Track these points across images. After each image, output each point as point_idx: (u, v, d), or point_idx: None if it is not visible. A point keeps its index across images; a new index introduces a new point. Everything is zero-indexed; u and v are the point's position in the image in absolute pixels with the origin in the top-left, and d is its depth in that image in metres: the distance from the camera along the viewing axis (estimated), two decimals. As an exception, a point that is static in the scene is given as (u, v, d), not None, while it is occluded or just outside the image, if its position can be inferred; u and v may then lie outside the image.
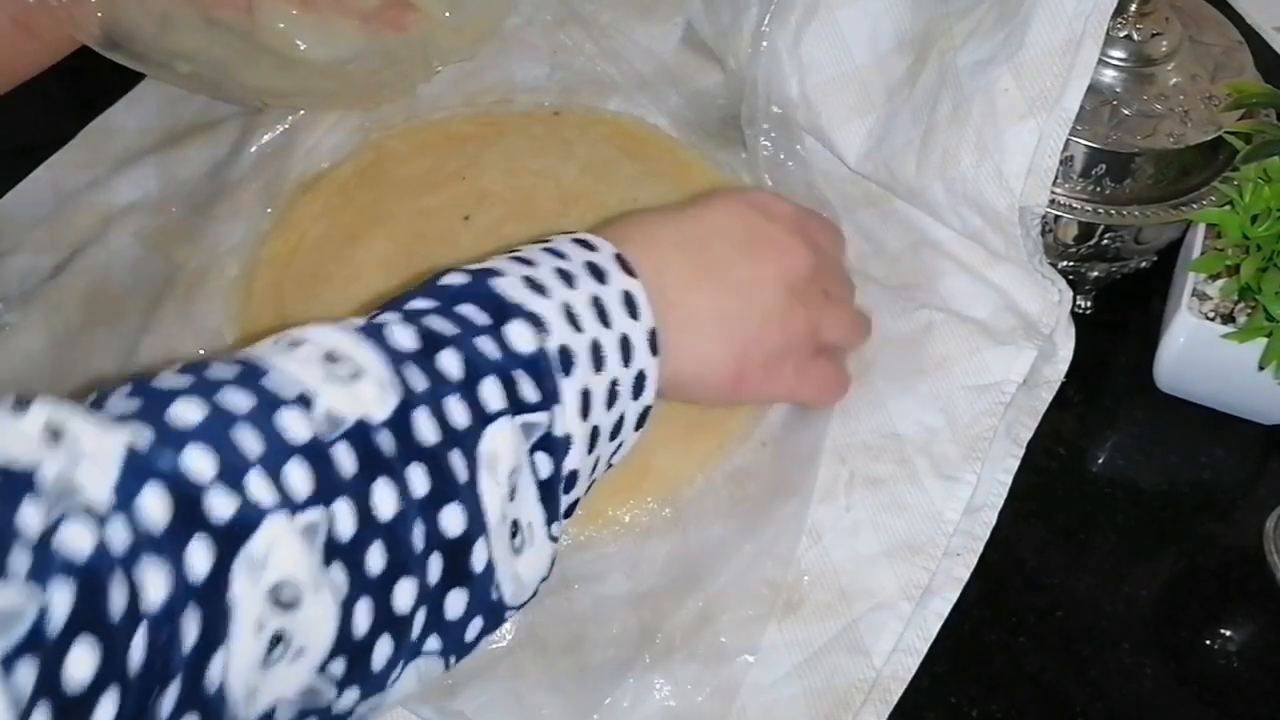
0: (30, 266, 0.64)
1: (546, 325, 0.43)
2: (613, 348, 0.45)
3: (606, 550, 0.56)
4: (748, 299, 0.51)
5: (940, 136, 0.61)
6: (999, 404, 0.60)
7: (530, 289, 0.44)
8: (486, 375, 0.41)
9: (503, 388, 0.41)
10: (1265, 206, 0.55)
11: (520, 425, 0.41)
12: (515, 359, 0.42)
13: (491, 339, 0.42)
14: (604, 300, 0.45)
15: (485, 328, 0.42)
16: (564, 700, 0.52)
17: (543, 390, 0.42)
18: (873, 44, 0.66)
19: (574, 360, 0.43)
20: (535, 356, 0.42)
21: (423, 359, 0.40)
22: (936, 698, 0.53)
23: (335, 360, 0.38)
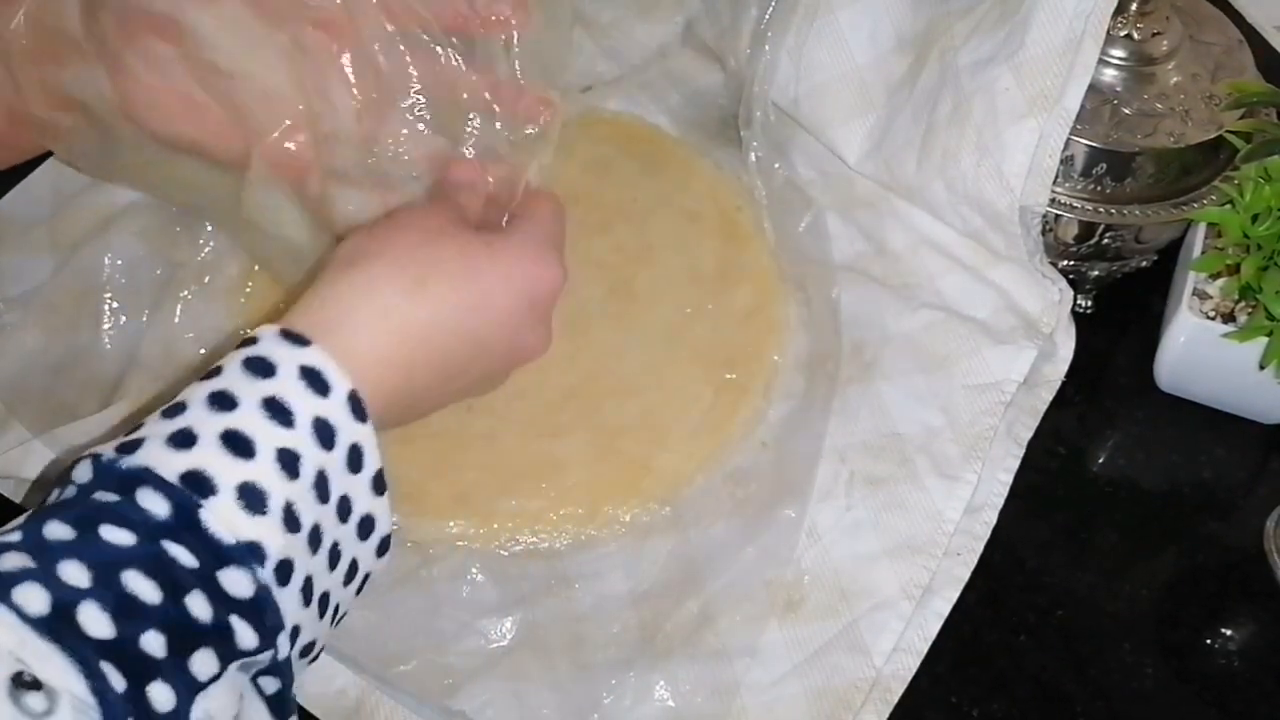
0: (30, 266, 0.64)
1: (265, 552, 0.38)
2: (329, 517, 0.41)
3: (607, 550, 0.56)
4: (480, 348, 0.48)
5: (941, 136, 0.61)
6: (999, 403, 0.60)
7: (245, 506, 0.38)
8: (197, 649, 0.36)
9: (214, 653, 0.36)
10: (1266, 205, 0.55)
11: (238, 667, 0.37)
12: (231, 607, 0.37)
13: (203, 595, 0.36)
14: (327, 472, 0.40)
15: (195, 581, 0.36)
16: (564, 700, 0.52)
17: (263, 629, 0.38)
18: (873, 44, 0.66)
19: (293, 566, 0.39)
20: (254, 597, 0.38)
21: (121, 646, 0.34)
22: (937, 697, 0.53)
23: (23, 687, 0.32)
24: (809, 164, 0.70)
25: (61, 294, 0.64)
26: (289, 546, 0.39)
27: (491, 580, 0.56)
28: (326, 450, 0.41)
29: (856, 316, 0.63)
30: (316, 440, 0.40)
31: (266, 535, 0.38)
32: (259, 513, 0.38)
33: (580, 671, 0.53)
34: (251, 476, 0.39)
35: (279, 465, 0.39)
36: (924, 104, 0.63)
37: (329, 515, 0.40)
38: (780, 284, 0.65)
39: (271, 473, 0.39)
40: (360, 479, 0.42)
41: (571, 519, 0.57)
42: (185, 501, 0.37)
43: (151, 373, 0.60)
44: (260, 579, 0.38)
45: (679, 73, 0.75)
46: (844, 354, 0.62)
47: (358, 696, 0.52)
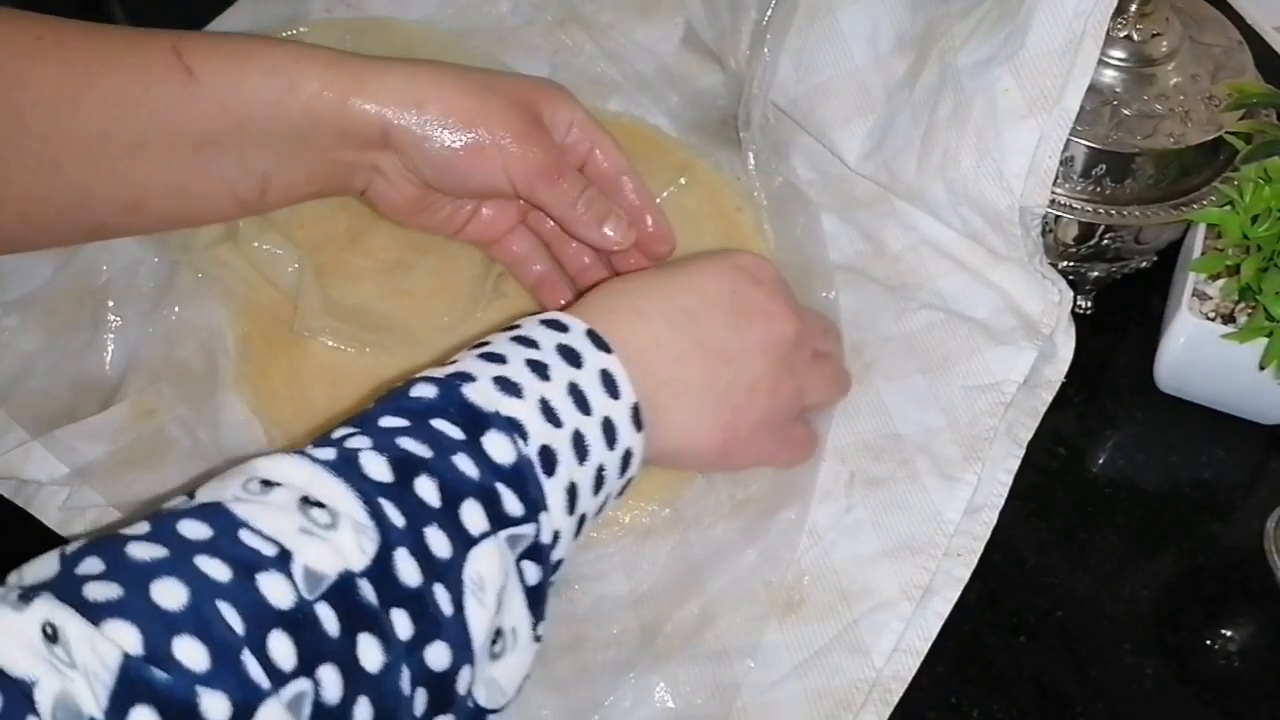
0: (29, 267, 0.64)
1: (525, 429, 0.42)
2: (595, 434, 0.44)
3: (607, 550, 0.56)
4: (736, 369, 0.50)
5: (940, 137, 0.61)
6: (999, 404, 0.60)
7: (503, 391, 0.42)
8: (466, 498, 0.39)
9: (484, 508, 0.40)
10: (1265, 206, 0.56)
11: (506, 539, 0.40)
12: (496, 472, 0.40)
13: (468, 456, 0.40)
14: (581, 386, 0.44)
15: (461, 443, 0.40)
16: (564, 700, 0.52)
17: (526, 501, 0.41)
18: (873, 44, 0.66)
19: (556, 459, 0.42)
20: (517, 465, 0.41)
21: (399, 491, 0.38)
22: (937, 698, 0.53)
23: (309, 505, 0.37)
24: (808, 165, 0.70)
25: (61, 295, 0.63)
26: (549, 435, 0.42)
27: (491, 581, 0.56)
28: (575, 368, 0.45)
29: (856, 317, 0.63)
30: (563, 360, 0.45)
31: (525, 415, 0.42)
32: (516, 396, 0.42)
33: (580, 672, 0.53)
34: (504, 373, 0.43)
35: (530, 370, 0.44)
36: (924, 105, 0.63)
37: (594, 428, 0.44)
38: (780, 285, 0.65)
39: (525, 373, 0.44)
40: (616, 405, 0.45)
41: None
42: (449, 384, 0.42)
43: (151, 373, 0.60)
44: (520, 449, 0.41)
45: (679, 74, 0.75)
46: (844, 354, 0.62)
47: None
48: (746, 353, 0.51)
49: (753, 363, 0.51)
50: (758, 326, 0.51)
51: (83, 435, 0.57)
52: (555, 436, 0.42)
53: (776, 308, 0.52)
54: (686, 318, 0.50)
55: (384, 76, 0.52)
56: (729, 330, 0.50)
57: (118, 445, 0.57)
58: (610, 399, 0.45)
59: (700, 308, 0.50)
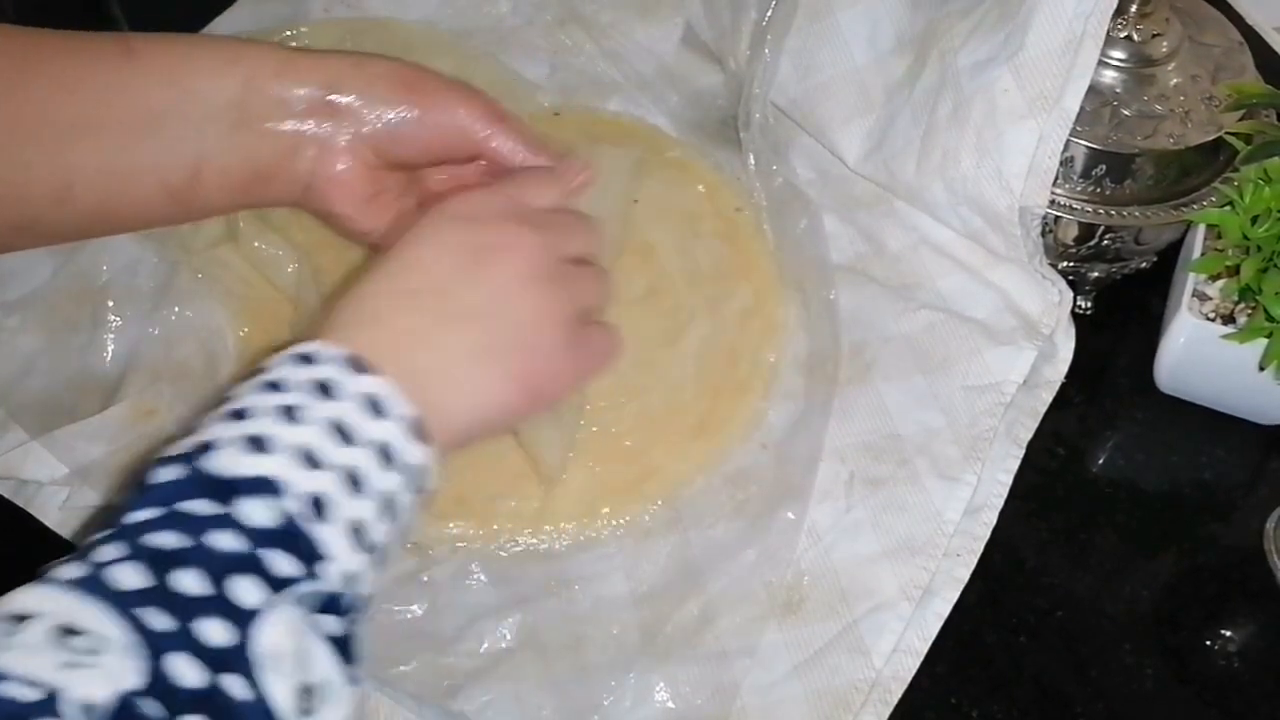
0: (29, 267, 0.64)
1: (281, 485, 0.39)
2: (369, 463, 0.41)
3: (606, 551, 0.56)
4: (495, 319, 0.47)
5: (940, 137, 0.61)
6: (999, 404, 0.60)
7: (252, 450, 0.40)
8: (233, 575, 0.37)
9: (257, 578, 0.37)
10: (1265, 207, 0.56)
11: (291, 601, 0.38)
12: (260, 538, 0.38)
13: (226, 530, 0.38)
14: (342, 419, 0.41)
15: (215, 520, 0.38)
16: (564, 701, 0.52)
17: (301, 557, 0.38)
18: (873, 44, 0.66)
19: (328, 502, 0.40)
20: (282, 525, 0.38)
21: (159, 593, 0.36)
22: (937, 698, 0.53)
23: (69, 635, 0.34)
24: (808, 165, 0.70)
25: (61, 295, 0.64)
26: (313, 482, 0.39)
27: (491, 581, 0.56)
28: (333, 401, 0.42)
29: (856, 317, 0.63)
30: (319, 396, 0.42)
31: (279, 469, 0.39)
32: (266, 452, 0.39)
33: (580, 673, 0.53)
34: (251, 431, 0.40)
35: (281, 418, 0.41)
36: (924, 105, 0.63)
37: (366, 458, 0.41)
38: (779, 285, 0.65)
39: (273, 424, 0.40)
40: (387, 425, 0.42)
41: (571, 520, 0.57)
42: (191, 460, 0.39)
43: (151, 373, 0.60)
44: (282, 507, 0.38)
45: (679, 74, 0.75)
46: (843, 355, 0.62)
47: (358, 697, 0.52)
48: (497, 297, 0.47)
49: (509, 302, 0.47)
50: (495, 266, 0.48)
51: (83, 435, 0.57)
52: (321, 480, 0.40)
53: (507, 237, 0.48)
54: (426, 293, 0.46)
55: (325, 53, 0.52)
56: (468, 286, 0.47)
57: (117, 445, 0.58)
58: (379, 421, 0.42)
59: (427, 280, 0.47)
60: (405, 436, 0.42)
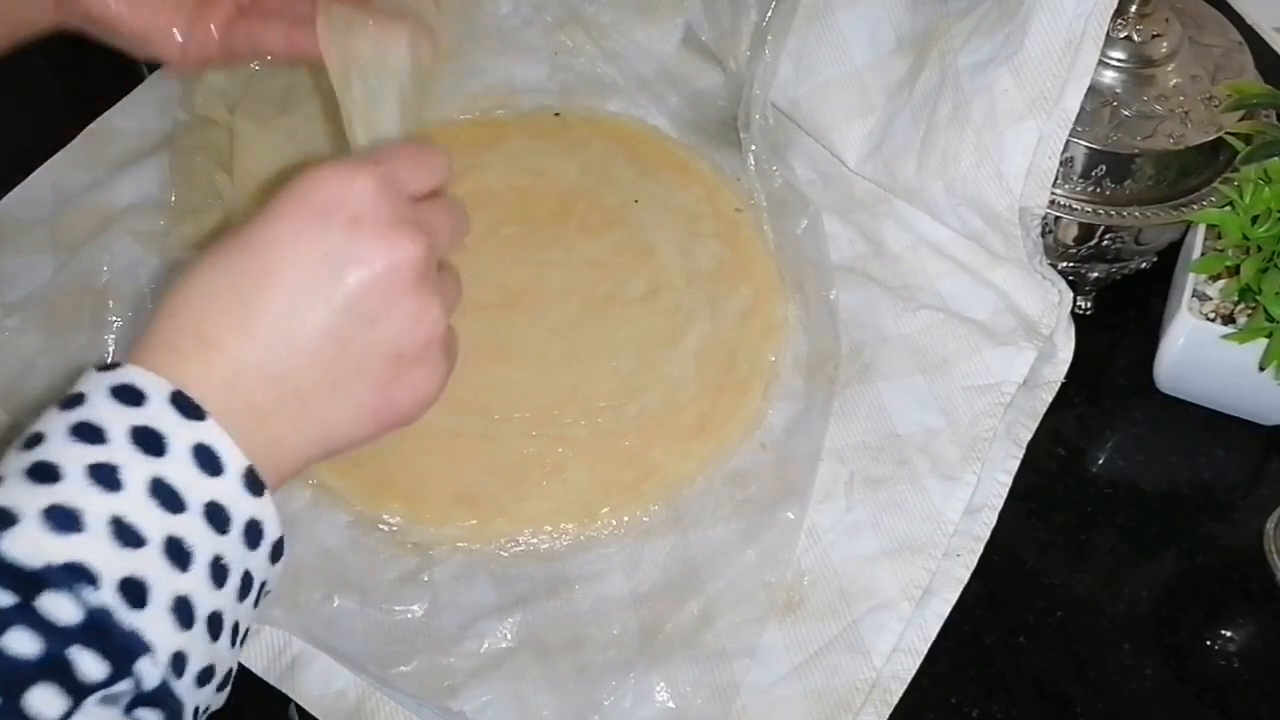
0: (30, 268, 0.64)
1: (92, 572, 0.33)
2: (198, 529, 0.36)
3: (607, 551, 0.56)
4: (355, 343, 0.40)
5: (940, 137, 0.61)
6: (999, 404, 0.60)
7: (56, 529, 0.33)
8: (30, 685, 0.32)
9: (58, 685, 0.32)
10: (1265, 207, 0.56)
11: (98, 702, 0.33)
12: (63, 638, 0.33)
13: (23, 629, 0.32)
14: (169, 480, 0.35)
15: (11, 614, 0.32)
16: (564, 701, 0.52)
17: (112, 656, 0.33)
18: (873, 45, 0.66)
19: (146, 585, 0.34)
20: (90, 619, 0.33)
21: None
22: (937, 698, 0.53)
23: None
24: (808, 166, 0.70)
25: (61, 295, 0.64)
26: (129, 563, 0.34)
27: (491, 581, 0.56)
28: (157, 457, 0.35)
29: (856, 317, 0.63)
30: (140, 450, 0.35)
31: (88, 553, 0.33)
32: (74, 530, 0.34)
33: (580, 673, 0.53)
34: (58, 499, 0.34)
35: (94, 482, 0.34)
36: (923, 106, 0.63)
37: (193, 525, 0.36)
38: (779, 285, 0.65)
39: (80, 491, 0.34)
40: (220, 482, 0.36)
41: (571, 520, 0.57)
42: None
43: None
44: (88, 601, 0.33)
45: (679, 75, 0.75)
46: (843, 355, 0.62)
47: (358, 697, 0.52)
48: (357, 320, 0.40)
49: (372, 328, 0.40)
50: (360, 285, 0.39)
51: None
52: (138, 561, 0.34)
53: (379, 250, 0.40)
54: (266, 319, 0.39)
55: None
56: (322, 306, 0.39)
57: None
58: (210, 478, 0.36)
59: (275, 297, 0.39)
60: (241, 489, 0.37)
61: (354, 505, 0.57)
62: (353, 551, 0.56)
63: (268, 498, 0.37)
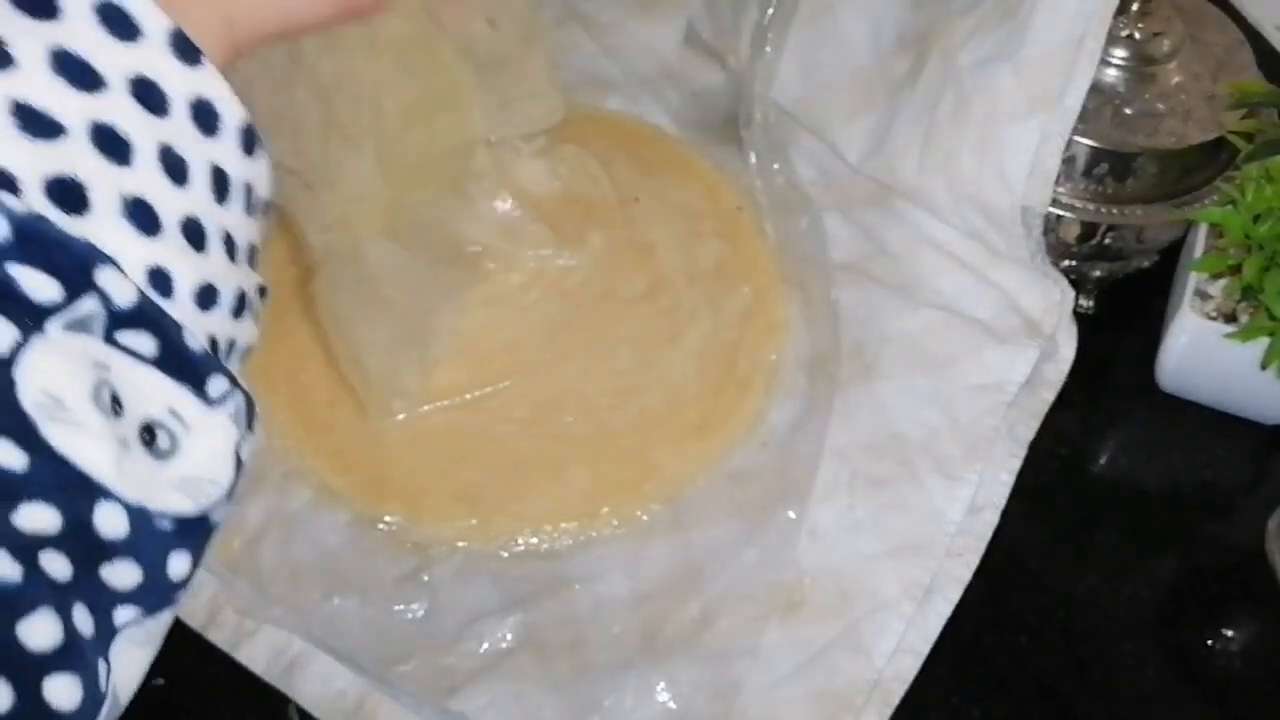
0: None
1: (8, 173, 0.27)
2: (126, 111, 0.29)
3: (607, 550, 0.56)
4: None
5: (942, 136, 0.61)
6: (1001, 404, 0.59)
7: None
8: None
9: (3, 319, 0.27)
10: (1267, 206, 0.55)
11: (62, 329, 0.27)
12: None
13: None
14: (71, 49, 0.28)
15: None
16: (564, 701, 0.52)
17: (59, 267, 0.27)
18: (874, 43, 0.66)
19: (80, 182, 0.28)
20: (21, 230, 0.27)
21: None
22: (938, 698, 0.53)
23: None
24: (809, 164, 0.70)
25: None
26: (52, 159, 0.28)
27: (491, 581, 0.55)
28: (49, 20, 0.28)
29: (857, 316, 0.63)
30: (26, 15, 0.28)
31: (11, 154, 0.27)
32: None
33: (581, 673, 0.52)
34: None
35: (14, 120, 0.28)
36: (925, 104, 0.63)
37: (120, 106, 0.29)
38: (780, 284, 0.65)
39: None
40: (144, 46, 0.30)
41: (572, 519, 0.57)
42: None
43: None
44: (11, 208, 0.27)
45: (679, 72, 0.75)
46: (844, 354, 0.62)
47: (357, 697, 0.52)
48: None
49: None
50: None
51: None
52: (60, 154, 0.28)
53: None
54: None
55: None
56: None
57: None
58: (123, 42, 0.29)
59: None
60: (167, 62, 0.30)
61: (353, 505, 0.57)
62: (352, 551, 0.56)
63: (210, 69, 0.30)
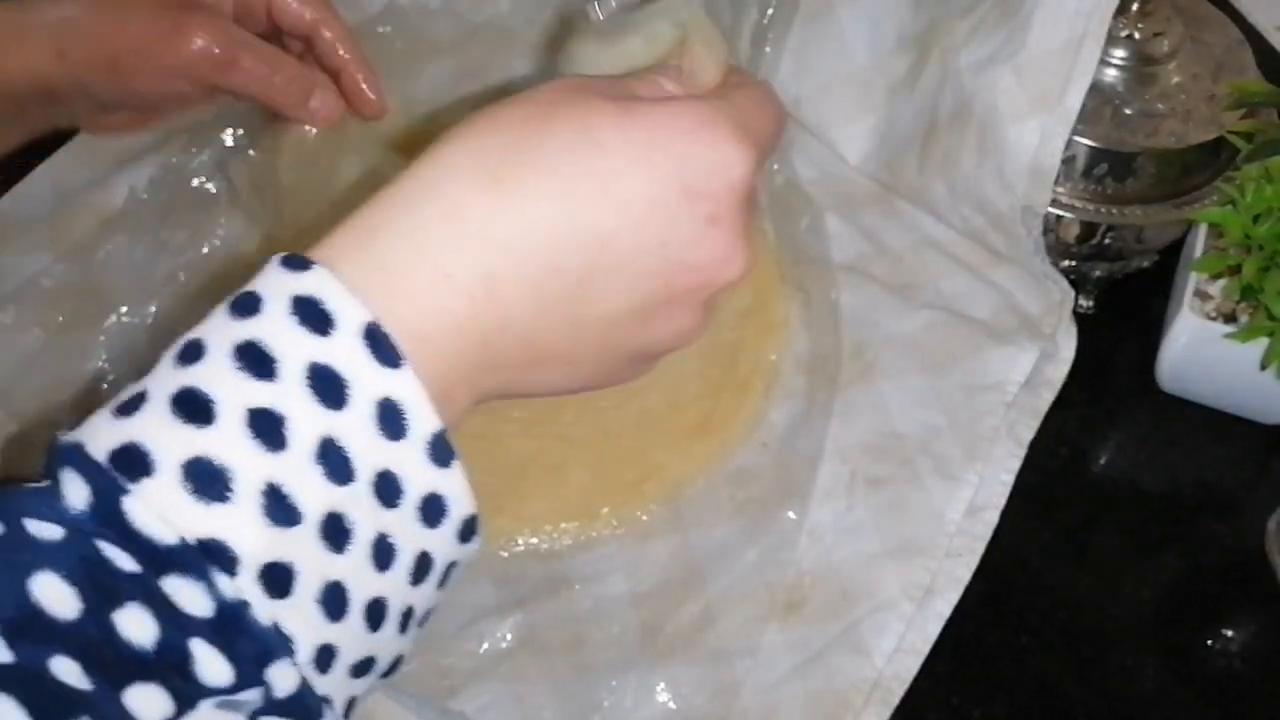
0: (29, 266, 0.64)
1: (233, 553, 0.27)
2: (363, 502, 0.29)
3: (607, 550, 0.56)
4: (631, 335, 0.34)
5: (942, 136, 0.61)
6: (1001, 404, 0.59)
7: (198, 493, 0.27)
8: (133, 682, 0.26)
9: (164, 689, 0.26)
10: (1267, 206, 0.55)
11: (215, 706, 0.27)
12: (185, 627, 0.27)
13: (143, 607, 0.26)
14: (340, 440, 0.28)
15: (130, 585, 0.26)
16: (564, 701, 0.52)
17: (237, 659, 0.27)
18: (874, 44, 0.66)
19: (293, 572, 0.28)
20: (220, 613, 0.27)
21: (20, 674, 0.25)
22: (938, 698, 0.53)
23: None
24: (810, 164, 0.70)
25: (60, 294, 0.63)
26: (277, 546, 0.27)
27: (491, 581, 0.55)
28: (334, 410, 0.28)
29: (857, 317, 0.63)
30: (315, 396, 0.28)
31: (232, 529, 0.27)
32: (218, 499, 0.27)
33: (581, 673, 0.52)
34: (209, 450, 0.27)
35: (252, 433, 0.27)
36: (925, 104, 0.63)
37: (361, 495, 0.29)
38: (780, 284, 0.65)
39: (238, 442, 0.27)
40: (404, 446, 0.29)
41: (572, 519, 0.57)
42: (106, 485, 0.27)
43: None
44: (223, 594, 0.27)
45: (679, 73, 0.75)
46: (845, 354, 0.62)
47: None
48: (645, 320, 0.34)
49: (651, 327, 0.34)
50: (683, 285, 0.33)
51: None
52: (289, 543, 0.27)
53: (721, 255, 0.33)
54: (565, 273, 0.31)
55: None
56: (632, 314, 0.33)
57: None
58: (390, 441, 0.29)
59: (597, 261, 0.31)
60: (424, 458, 0.30)
61: (354, 505, 0.57)
62: (353, 551, 0.56)
63: (457, 469, 0.30)
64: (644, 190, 0.31)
